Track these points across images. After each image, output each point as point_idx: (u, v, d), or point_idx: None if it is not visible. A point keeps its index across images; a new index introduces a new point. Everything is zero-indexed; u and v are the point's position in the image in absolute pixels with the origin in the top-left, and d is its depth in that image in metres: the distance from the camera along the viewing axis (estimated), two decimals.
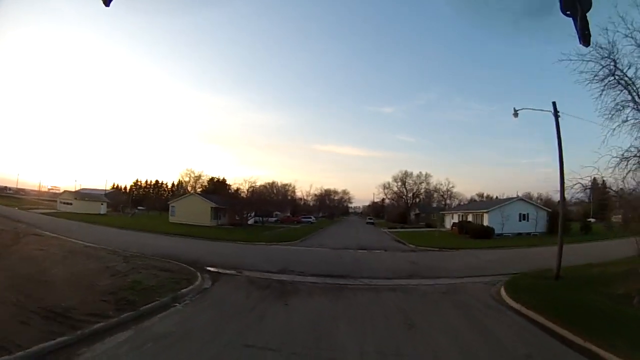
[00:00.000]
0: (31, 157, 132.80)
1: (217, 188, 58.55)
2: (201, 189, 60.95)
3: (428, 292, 10.06)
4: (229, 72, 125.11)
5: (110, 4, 2.62)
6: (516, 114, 12.83)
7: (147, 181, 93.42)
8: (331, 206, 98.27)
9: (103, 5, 2.60)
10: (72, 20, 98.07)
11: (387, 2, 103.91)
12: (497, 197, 63.43)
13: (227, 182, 61.29)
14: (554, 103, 11.49)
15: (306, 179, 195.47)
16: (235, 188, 47.73)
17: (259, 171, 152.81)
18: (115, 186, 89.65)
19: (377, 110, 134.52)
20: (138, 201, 77.57)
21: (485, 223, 34.99)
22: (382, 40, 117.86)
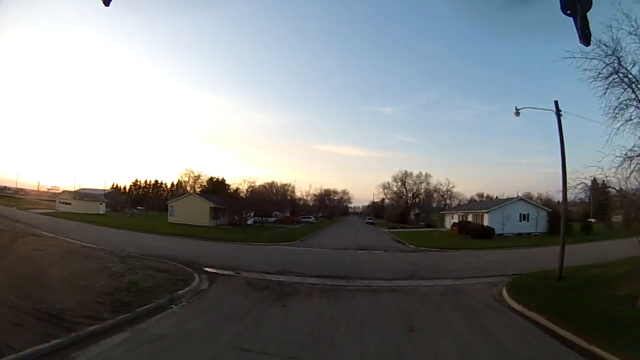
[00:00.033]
0: (31, 157, 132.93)
1: (217, 188, 58.40)
2: (200, 189, 60.83)
3: (429, 294, 9.94)
4: (229, 72, 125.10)
5: (110, 4, 2.61)
6: (518, 113, 12.71)
7: (147, 181, 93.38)
8: (331, 206, 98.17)
9: (103, 5, 2.60)
10: (72, 20, 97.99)
11: (387, 2, 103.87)
12: (497, 197, 63.41)
13: (227, 182, 61.13)
14: (556, 102, 11.38)
15: (306, 179, 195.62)
16: (234, 188, 47.58)
17: (259, 171, 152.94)
18: (114, 186, 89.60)
19: (377, 110, 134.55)
20: (137, 201, 77.44)
21: (485, 223, 34.91)
22: (382, 40, 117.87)
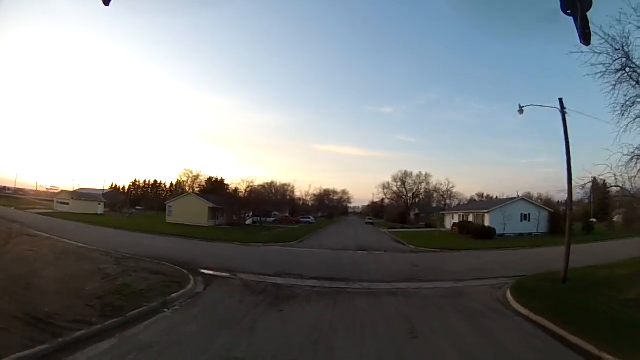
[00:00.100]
0: (31, 157, 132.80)
1: (215, 188, 58.18)
2: (199, 189, 60.60)
3: (430, 297, 9.64)
4: (229, 72, 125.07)
5: (109, 4, 2.64)
6: (521, 111, 12.41)
7: (146, 181, 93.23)
8: (330, 206, 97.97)
9: (103, 5, 2.63)
10: (72, 20, 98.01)
11: (387, 2, 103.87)
12: (497, 197, 63.20)
13: (226, 182, 60.86)
14: (561, 99, 11.06)
15: (306, 179, 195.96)
16: (233, 188, 47.29)
17: (259, 171, 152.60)
18: (113, 186, 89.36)
19: (377, 110, 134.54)
20: (136, 201, 77.23)
21: (486, 223, 34.65)
22: (382, 40, 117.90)
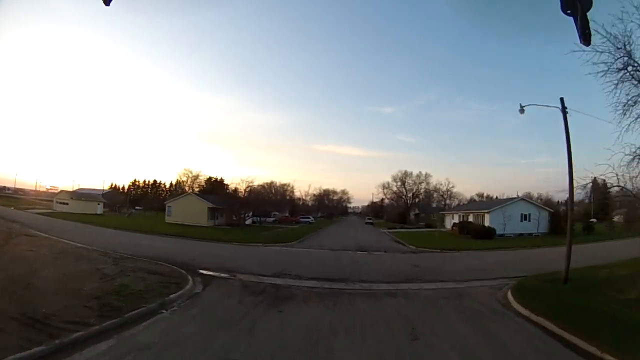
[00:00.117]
0: (31, 157, 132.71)
1: (215, 188, 58.12)
2: (199, 189, 60.51)
3: (431, 297, 9.57)
4: (229, 72, 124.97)
5: (110, 4, 2.64)
6: (522, 110, 12.35)
7: (145, 181, 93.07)
8: (330, 206, 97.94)
9: (103, 5, 2.63)
10: (72, 20, 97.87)
11: (387, 2, 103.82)
12: (497, 197, 63.23)
13: (225, 182, 60.81)
14: (562, 99, 11.00)
15: (306, 179, 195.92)
16: (233, 188, 47.23)
17: (259, 171, 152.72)
18: (113, 186, 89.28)
19: (377, 110, 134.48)
20: (136, 201, 77.13)
21: (486, 223, 34.60)
22: (382, 40, 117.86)
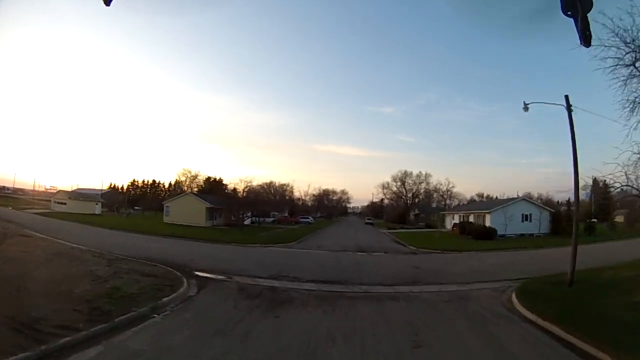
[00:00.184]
0: (30, 157, 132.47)
1: (214, 188, 57.86)
2: (197, 189, 60.20)
3: (433, 301, 9.28)
4: (229, 72, 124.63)
5: (110, 4, 2.62)
6: (526, 108, 12.06)
7: (144, 181, 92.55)
8: (329, 206, 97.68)
9: (103, 5, 2.61)
10: (72, 20, 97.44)
11: (387, 2, 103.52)
12: (497, 197, 63.00)
13: (224, 182, 60.56)
14: (567, 96, 10.72)
15: (306, 179, 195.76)
16: (231, 188, 46.93)
17: (259, 171, 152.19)
18: (112, 186, 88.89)
19: (377, 110, 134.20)
20: (134, 201, 76.70)
21: (487, 224, 34.33)
22: (382, 40, 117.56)
